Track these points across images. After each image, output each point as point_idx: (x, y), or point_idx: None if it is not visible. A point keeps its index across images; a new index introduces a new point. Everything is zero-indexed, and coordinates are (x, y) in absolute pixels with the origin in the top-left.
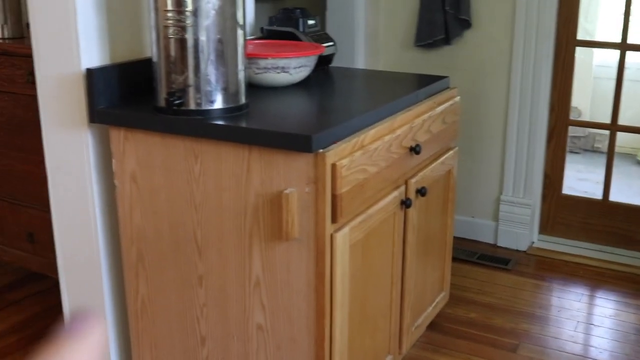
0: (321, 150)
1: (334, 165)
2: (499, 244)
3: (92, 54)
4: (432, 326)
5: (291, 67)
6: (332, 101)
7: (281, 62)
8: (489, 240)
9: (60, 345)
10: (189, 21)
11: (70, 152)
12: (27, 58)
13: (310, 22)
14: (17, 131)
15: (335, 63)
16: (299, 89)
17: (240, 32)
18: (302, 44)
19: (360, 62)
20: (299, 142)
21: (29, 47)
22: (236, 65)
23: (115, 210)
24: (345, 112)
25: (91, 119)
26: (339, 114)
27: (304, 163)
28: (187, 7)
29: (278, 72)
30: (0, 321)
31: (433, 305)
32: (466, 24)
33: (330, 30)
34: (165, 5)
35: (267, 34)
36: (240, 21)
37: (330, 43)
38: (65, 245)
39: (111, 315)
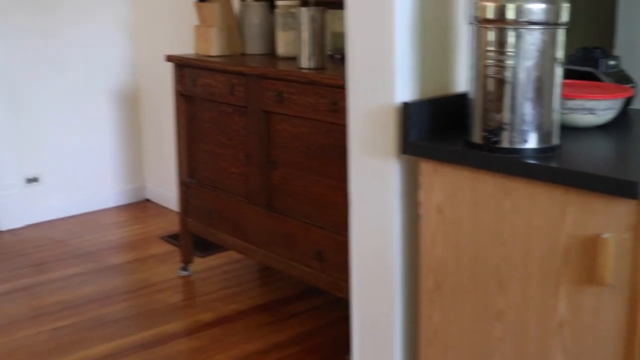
0: None
1: None
2: None
3: (405, 88)
4: None
5: (599, 108)
6: None
7: (589, 104)
8: None
9: None
10: (510, 61)
11: (376, 180)
12: (330, 88)
13: (611, 62)
14: (315, 156)
15: None
16: (604, 131)
17: (558, 72)
18: (607, 85)
19: None
20: (622, 187)
21: (332, 78)
22: (552, 106)
23: (414, 238)
24: None
25: (403, 150)
26: None
27: (624, 208)
28: (509, 48)
29: (584, 114)
30: (281, 331)
31: None
32: None
33: None
34: (487, 45)
35: (565, 73)
36: (560, 61)
37: (632, 84)
38: (361, 266)
39: (399, 339)
